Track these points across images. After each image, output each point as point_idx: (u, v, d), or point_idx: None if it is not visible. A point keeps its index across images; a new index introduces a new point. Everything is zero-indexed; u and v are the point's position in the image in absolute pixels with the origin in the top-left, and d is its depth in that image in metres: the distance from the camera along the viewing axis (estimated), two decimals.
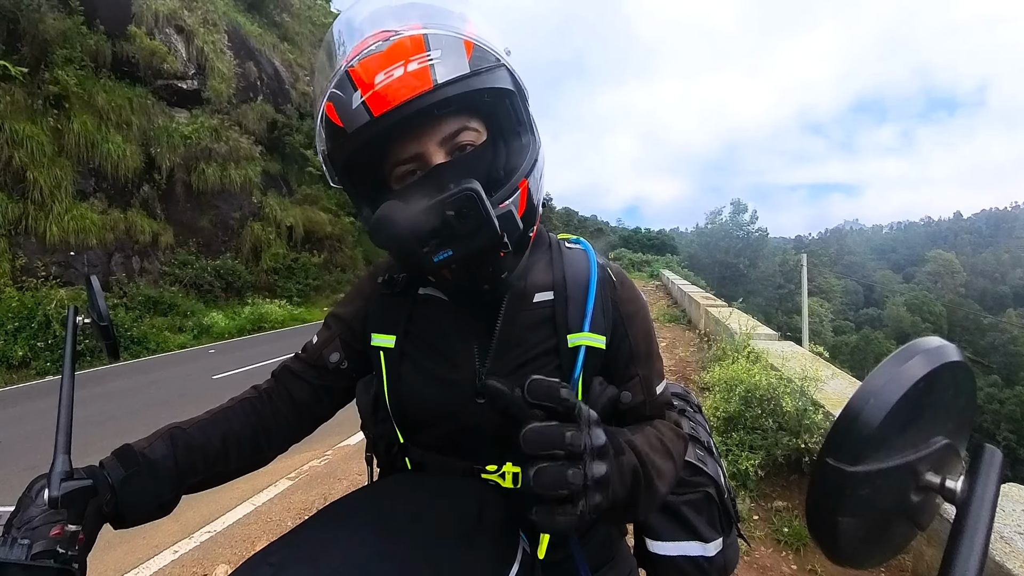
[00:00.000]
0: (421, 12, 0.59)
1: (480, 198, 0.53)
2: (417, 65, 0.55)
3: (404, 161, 0.62)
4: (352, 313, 0.77)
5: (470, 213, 0.53)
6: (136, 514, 0.64)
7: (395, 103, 0.55)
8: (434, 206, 0.54)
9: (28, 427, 5.63)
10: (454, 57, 0.57)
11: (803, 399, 3.15)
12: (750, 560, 2.57)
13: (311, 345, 0.79)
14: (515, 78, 0.63)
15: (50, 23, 11.50)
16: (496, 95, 0.62)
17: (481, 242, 0.55)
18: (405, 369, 0.71)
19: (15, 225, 10.59)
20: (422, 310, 0.73)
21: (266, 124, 18.11)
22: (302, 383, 0.77)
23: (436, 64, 0.55)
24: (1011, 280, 65.17)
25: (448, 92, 0.56)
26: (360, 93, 0.55)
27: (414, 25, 0.57)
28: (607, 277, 0.73)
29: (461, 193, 0.53)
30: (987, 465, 0.36)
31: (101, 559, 2.86)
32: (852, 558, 0.39)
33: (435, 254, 0.55)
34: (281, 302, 14.99)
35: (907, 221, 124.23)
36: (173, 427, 0.70)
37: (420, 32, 0.56)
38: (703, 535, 0.80)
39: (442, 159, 0.61)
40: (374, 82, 0.55)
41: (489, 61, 0.60)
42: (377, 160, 0.64)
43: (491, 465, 0.66)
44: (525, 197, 0.62)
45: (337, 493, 3.51)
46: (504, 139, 0.65)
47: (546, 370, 0.67)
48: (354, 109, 0.56)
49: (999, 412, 30.38)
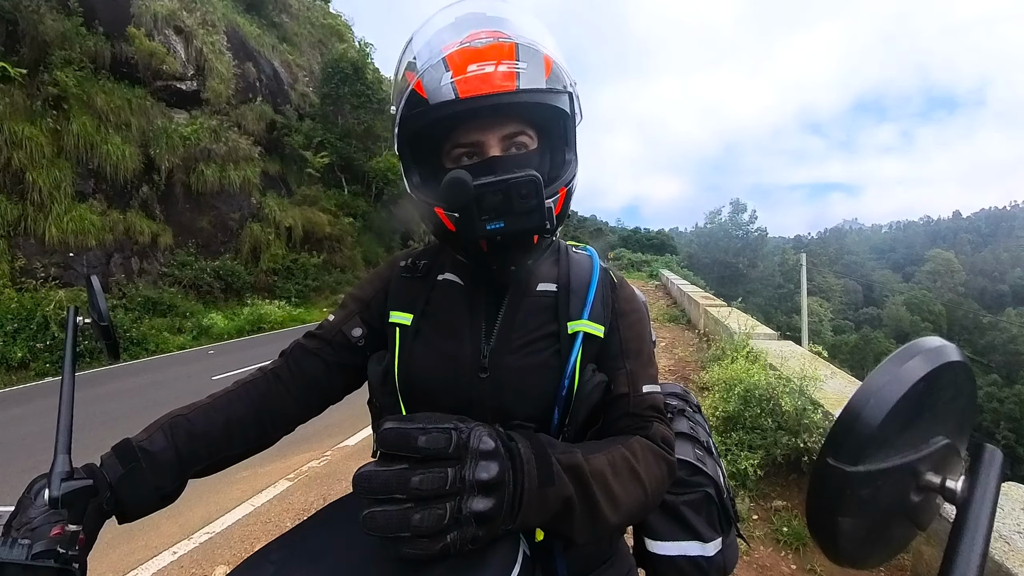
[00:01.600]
0: (513, 28, 0.68)
1: (540, 186, 0.61)
2: (506, 68, 0.63)
3: (465, 144, 0.68)
4: (371, 293, 0.81)
5: (529, 195, 0.61)
6: (137, 508, 0.64)
7: (479, 92, 0.62)
8: (502, 181, 0.60)
9: (27, 428, 5.63)
10: (537, 71, 0.65)
11: (802, 398, 3.15)
12: (749, 560, 2.57)
13: (328, 323, 0.81)
14: (576, 105, 0.70)
15: (49, 24, 11.49)
16: (556, 114, 0.69)
17: (531, 223, 0.62)
18: (417, 345, 0.74)
19: (14, 226, 10.58)
20: (440, 293, 0.77)
21: (265, 125, 18.10)
22: (316, 360, 0.78)
23: (521, 72, 0.63)
24: (1010, 279, 65.21)
25: (524, 98, 0.64)
26: (452, 75, 0.62)
27: (511, 38, 0.65)
28: (609, 278, 0.78)
29: (527, 177, 0.61)
30: (987, 465, 0.36)
31: (101, 560, 2.86)
32: (852, 558, 0.39)
33: (490, 222, 0.62)
34: (280, 303, 14.98)
35: (906, 220, 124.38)
36: (174, 415, 0.71)
37: (515, 41, 0.64)
38: (702, 535, 0.80)
39: (498, 153, 0.67)
40: (466, 70, 0.62)
41: (561, 84, 0.67)
42: (440, 137, 0.69)
43: None
44: (562, 202, 0.69)
45: (337, 493, 3.50)
46: (551, 152, 0.72)
47: (546, 352, 0.71)
48: (442, 86, 0.63)
49: (999, 411, 30.42)
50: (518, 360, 0.70)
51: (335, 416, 0.82)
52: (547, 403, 0.69)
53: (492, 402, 0.69)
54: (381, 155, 20.68)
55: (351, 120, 20.14)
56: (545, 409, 0.69)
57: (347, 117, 20.22)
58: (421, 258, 0.81)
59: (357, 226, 20.15)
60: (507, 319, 0.73)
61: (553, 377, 0.69)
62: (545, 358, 0.70)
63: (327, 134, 19.75)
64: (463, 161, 0.68)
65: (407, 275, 0.79)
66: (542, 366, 0.70)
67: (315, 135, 19.55)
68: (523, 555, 0.53)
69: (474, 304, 0.75)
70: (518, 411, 0.69)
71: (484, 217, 0.62)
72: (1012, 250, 72.58)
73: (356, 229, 20.07)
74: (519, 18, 0.70)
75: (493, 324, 0.73)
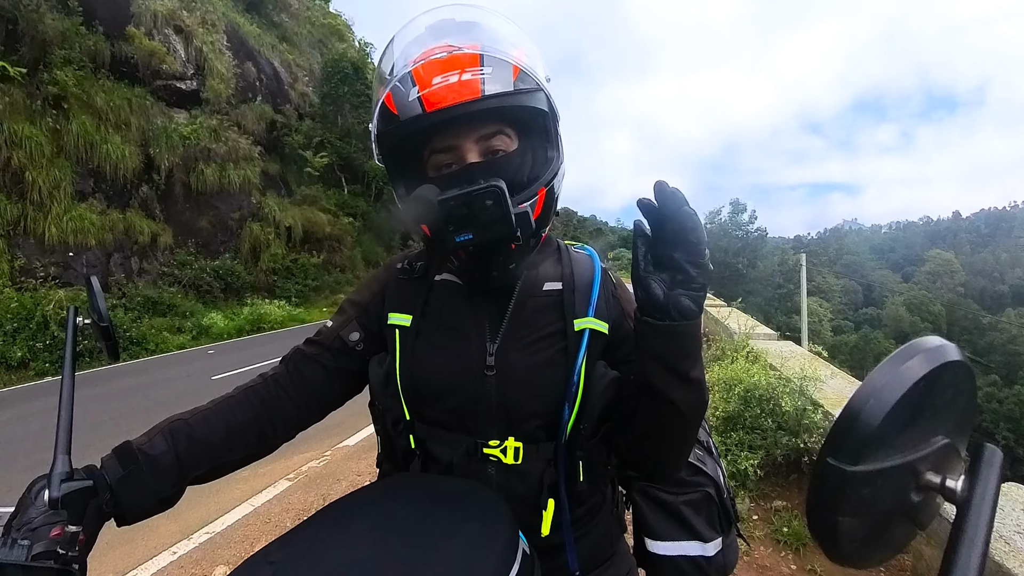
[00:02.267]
0: (481, 33, 0.69)
1: (503, 195, 0.61)
2: (470, 76, 0.63)
3: (442, 152, 0.69)
4: (368, 297, 0.81)
5: (492, 206, 0.61)
6: (136, 511, 0.65)
7: (445, 103, 0.63)
8: (464, 194, 0.61)
9: (27, 428, 5.63)
10: (502, 76, 0.65)
11: (802, 399, 3.15)
12: (749, 560, 2.57)
13: (326, 329, 0.81)
14: (550, 102, 0.70)
15: (49, 23, 11.48)
16: (531, 113, 0.68)
17: (497, 232, 0.62)
18: (419, 346, 0.74)
19: (14, 226, 10.57)
20: (438, 293, 0.77)
21: (265, 124, 18.10)
22: (316, 366, 0.79)
23: (487, 78, 0.64)
24: (1010, 279, 65.22)
25: (491, 104, 0.64)
26: (418, 89, 0.63)
27: (474, 44, 0.66)
28: (609, 278, 0.80)
29: (488, 188, 0.61)
30: (987, 464, 0.36)
31: (101, 560, 2.85)
32: (852, 557, 0.39)
33: (457, 234, 0.62)
34: (280, 302, 14.97)
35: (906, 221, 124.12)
36: (174, 420, 0.71)
37: (478, 52, 0.65)
38: (702, 535, 0.81)
39: (475, 158, 0.68)
40: (431, 82, 0.63)
41: (531, 84, 0.67)
42: (419, 148, 0.70)
43: (494, 440, 0.69)
44: (542, 203, 0.69)
45: (336, 494, 3.50)
46: (532, 151, 0.71)
47: (553, 350, 0.72)
48: (410, 101, 0.64)
49: (998, 411, 30.42)
50: (524, 358, 0.71)
51: (335, 417, 0.82)
52: (555, 400, 0.70)
53: (499, 399, 0.70)
54: None
55: (351, 120, 20.14)
56: (553, 405, 0.70)
57: (347, 117, 20.23)
58: (418, 259, 0.81)
59: (357, 226, 20.15)
60: (514, 318, 0.73)
61: (560, 374, 0.70)
62: (551, 355, 0.71)
63: (327, 134, 19.76)
64: (443, 170, 0.69)
65: (404, 277, 0.79)
66: (549, 363, 0.71)
67: (315, 135, 19.56)
68: (522, 553, 0.53)
69: (476, 303, 0.75)
70: (525, 408, 0.70)
71: (451, 229, 0.62)
72: (1011, 250, 72.57)
73: (356, 229, 20.07)
74: (489, 21, 0.71)
75: (498, 323, 0.73)
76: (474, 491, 0.62)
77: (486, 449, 0.69)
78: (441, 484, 0.65)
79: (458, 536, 0.52)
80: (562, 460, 0.70)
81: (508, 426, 0.70)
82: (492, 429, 0.70)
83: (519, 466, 0.69)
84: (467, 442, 0.70)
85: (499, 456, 0.69)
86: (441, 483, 0.66)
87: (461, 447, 0.70)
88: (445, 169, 0.69)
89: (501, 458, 0.69)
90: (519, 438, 0.70)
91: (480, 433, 0.70)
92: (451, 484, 0.65)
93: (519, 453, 0.69)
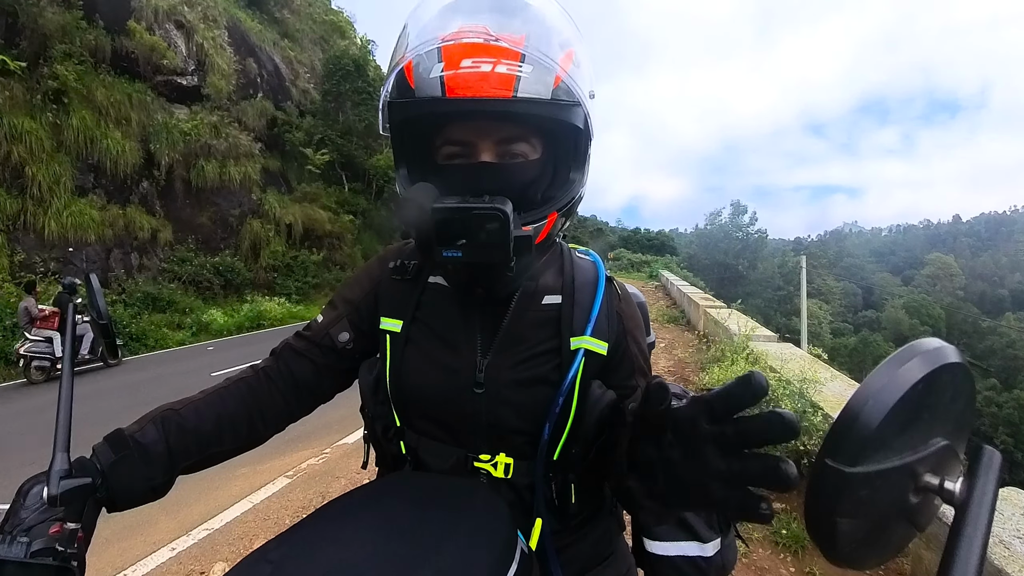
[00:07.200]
0: (530, 22, 0.59)
1: (507, 221, 0.54)
2: (505, 70, 0.55)
3: (456, 143, 0.62)
4: (360, 295, 0.78)
5: (492, 230, 0.54)
6: (127, 497, 0.64)
7: (469, 94, 0.55)
8: (463, 210, 0.54)
9: (26, 423, 5.63)
10: (541, 79, 0.57)
11: (802, 401, 3.16)
12: (748, 562, 2.57)
13: (316, 324, 0.79)
14: (587, 120, 0.62)
15: (49, 17, 11.47)
16: (563, 127, 0.61)
17: (490, 257, 0.56)
18: (408, 354, 0.71)
19: (13, 221, 10.56)
20: (430, 297, 0.74)
21: (266, 121, 18.09)
22: (305, 361, 0.77)
23: (523, 77, 0.56)
24: (1009, 284, 65.25)
25: (520, 108, 0.57)
26: (443, 67, 0.56)
27: (516, 36, 0.57)
28: (613, 289, 0.76)
29: (492, 210, 0.54)
30: (986, 467, 0.36)
31: (99, 556, 2.85)
32: (851, 559, 0.39)
33: (446, 249, 0.56)
34: (280, 300, 14.98)
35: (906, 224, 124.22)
36: (165, 409, 0.70)
37: (520, 49, 0.56)
38: (701, 535, 0.80)
39: (490, 159, 0.61)
40: (460, 64, 0.55)
41: (571, 97, 0.60)
42: (429, 129, 0.64)
43: (484, 454, 0.68)
44: (548, 229, 0.63)
45: (335, 491, 3.50)
46: (555, 167, 0.65)
47: (545, 368, 0.68)
48: (430, 79, 0.56)
49: (997, 415, 30.45)
50: (515, 375, 0.68)
51: (334, 414, 0.82)
52: (541, 418, 0.67)
53: (488, 417, 0.68)
54: (382, 152, 20.66)
55: (352, 117, 20.12)
56: (538, 424, 0.67)
57: (348, 114, 20.20)
58: (411, 258, 0.77)
59: (357, 224, 20.14)
60: (507, 332, 0.70)
61: (550, 393, 0.67)
62: (544, 373, 0.68)
63: (328, 131, 19.74)
64: (454, 160, 0.63)
65: (397, 277, 0.76)
66: (540, 381, 0.68)
67: (316, 132, 19.54)
68: (521, 553, 0.53)
69: (469, 313, 0.71)
70: (513, 426, 0.68)
71: (440, 242, 0.56)
72: (1011, 255, 72.60)
73: (356, 227, 20.06)
74: (543, 7, 0.62)
75: (490, 336, 0.70)
76: (474, 490, 0.62)
77: (476, 463, 0.68)
78: (440, 483, 0.65)
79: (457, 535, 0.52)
80: (540, 481, 0.67)
81: (498, 442, 0.68)
82: (482, 444, 0.68)
83: (510, 480, 0.68)
84: (457, 454, 0.69)
85: (489, 470, 0.68)
86: (440, 482, 0.66)
87: (452, 458, 0.69)
88: (455, 160, 0.63)
89: (492, 472, 0.67)
90: (510, 454, 0.68)
91: (470, 446, 0.69)
92: (451, 483, 0.65)
93: (510, 468, 0.68)
